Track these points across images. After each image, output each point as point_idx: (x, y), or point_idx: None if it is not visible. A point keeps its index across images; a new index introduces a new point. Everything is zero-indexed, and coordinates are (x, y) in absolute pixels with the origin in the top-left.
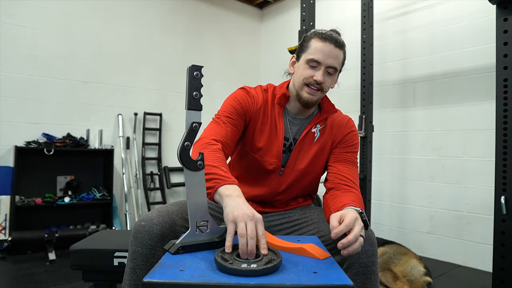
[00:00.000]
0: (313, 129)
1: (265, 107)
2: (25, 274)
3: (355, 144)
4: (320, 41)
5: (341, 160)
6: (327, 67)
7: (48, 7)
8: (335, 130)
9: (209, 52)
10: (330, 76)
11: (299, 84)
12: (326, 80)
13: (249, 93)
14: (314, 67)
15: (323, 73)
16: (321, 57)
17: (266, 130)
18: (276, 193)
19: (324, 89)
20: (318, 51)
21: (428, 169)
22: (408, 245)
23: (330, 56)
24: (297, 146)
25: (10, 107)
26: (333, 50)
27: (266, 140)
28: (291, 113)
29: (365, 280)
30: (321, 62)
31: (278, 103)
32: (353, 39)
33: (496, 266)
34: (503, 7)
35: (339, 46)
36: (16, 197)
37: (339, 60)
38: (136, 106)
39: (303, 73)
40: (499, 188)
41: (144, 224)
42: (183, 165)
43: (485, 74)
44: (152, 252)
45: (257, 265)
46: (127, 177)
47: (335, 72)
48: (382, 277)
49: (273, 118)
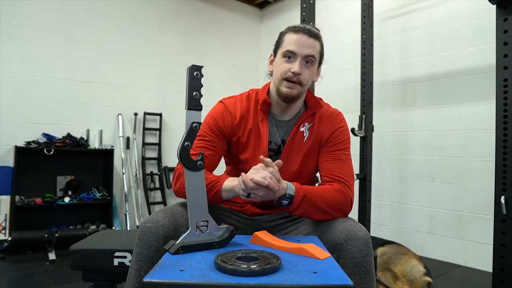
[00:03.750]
0: (301, 128)
1: (247, 116)
2: (25, 274)
3: (344, 141)
4: (293, 33)
5: (330, 159)
6: (304, 57)
7: (48, 7)
8: (322, 127)
9: (209, 52)
10: (309, 67)
11: (277, 80)
12: (304, 72)
13: (227, 108)
14: (290, 59)
15: (300, 64)
16: (296, 47)
17: (251, 140)
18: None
19: (303, 82)
20: (292, 42)
21: (428, 169)
22: (408, 245)
23: (305, 46)
24: (286, 148)
25: (10, 107)
26: (307, 40)
27: (252, 150)
28: (276, 116)
29: (360, 280)
30: (297, 52)
31: (261, 110)
32: (353, 39)
33: (496, 266)
34: (503, 7)
35: (313, 36)
36: (16, 197)
37: (315, 49)
38: (136, 106)
39: (280, 67)
40: (499, 188)
41: (149, 226)
42: (183, 165)
43: (485, 74)
44: (157, 254)
45: (257, 266)
46: (127, 177)
47: (313, 63)
48: (382, 277)
49: (256, 125)
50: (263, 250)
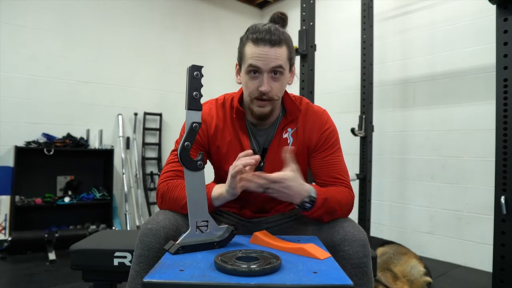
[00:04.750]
0: (284, 135)
1: (224, 126)
2: (25, 274)
3: (334, 142)
4: (253, 45)
5: (324, 165)
6: (270, 71)
7: (48, 7)
8: (307, 132)
9: (209, 52)
10: (278, 79)
11: (248, 99)
12: (274, 87)
13: (201, 116)
14: (256, 74)
15: (267, 80)
16: (259, 62)
17: (232, 151)
18: (265, 203)
19: (273, 98)
20: (254, 57)
21: (428, 169)
22: (408, 245)
23: (270, 59)
24: (269, 156)
25: (10, 107)
26: (269, 51)
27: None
28: (253, 123)
29: (358, 282)
30: (261, 67)
31: (237, 117)
32: (353, 39)
33: (496, 266)
34: (503, 7)
35: (276, 44)
36: (16, 197)
37: (282, 58)
38: (136, 106)
39: (247, 85)
40: (499, 188)
41: (151, 227)
42: (183, 165)
43: (485, 74)
44: (158, 255)
45: (257, 266)
46: (127, 177)
47: (282, 72)
48: (382, 277)
49: (237, 133)
50: (263, 250)
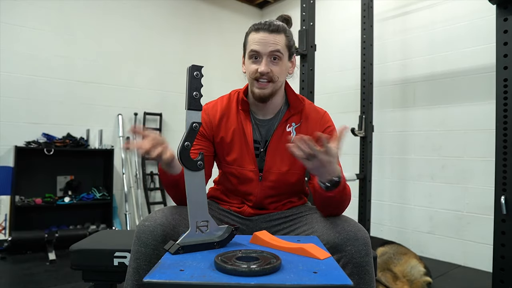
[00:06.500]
0: (288, 128)
1: (228, 116)
2: (25, 274)
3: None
4: (255, 32)
5: None
6: (269, 55)
7: (48, 7)
8: (310, 128)
9: (209, 52)
10: (277, 63)
11: (250, 81)
12: (273, 69)
13: (205, 111)
14: (256, 59)
15: (267, 62)
16: (259, 46)
17: (236, 140)
18: (264, 197)
19: (273, 79)
20: (255, 42)
21: (428, 169)
22: (408, 245)
23: (268, 43)
24: (271, 148)
25: (10, 107)
26: (268, 37)
27: (239, 149)
28: (257, 115)
29: (359, 281)
30: (260, 51)
31: (242, 109)
32: (353, 39)
33: (496, 266)
34: (503, 7)
35: (274, 31)
36: (16, 197)
37: (280, 43)
38: (136, 106)
39: (248, 68)
40: (499, 188)
41: (148, 224)
42: (183, 165)
43: (485, 74)
44: (155, 252)
45: (257, 266)
46: (127, 177)
47: (281, 58)
48: (382, 277)
49: (240, 125)
50: (263, 250)
